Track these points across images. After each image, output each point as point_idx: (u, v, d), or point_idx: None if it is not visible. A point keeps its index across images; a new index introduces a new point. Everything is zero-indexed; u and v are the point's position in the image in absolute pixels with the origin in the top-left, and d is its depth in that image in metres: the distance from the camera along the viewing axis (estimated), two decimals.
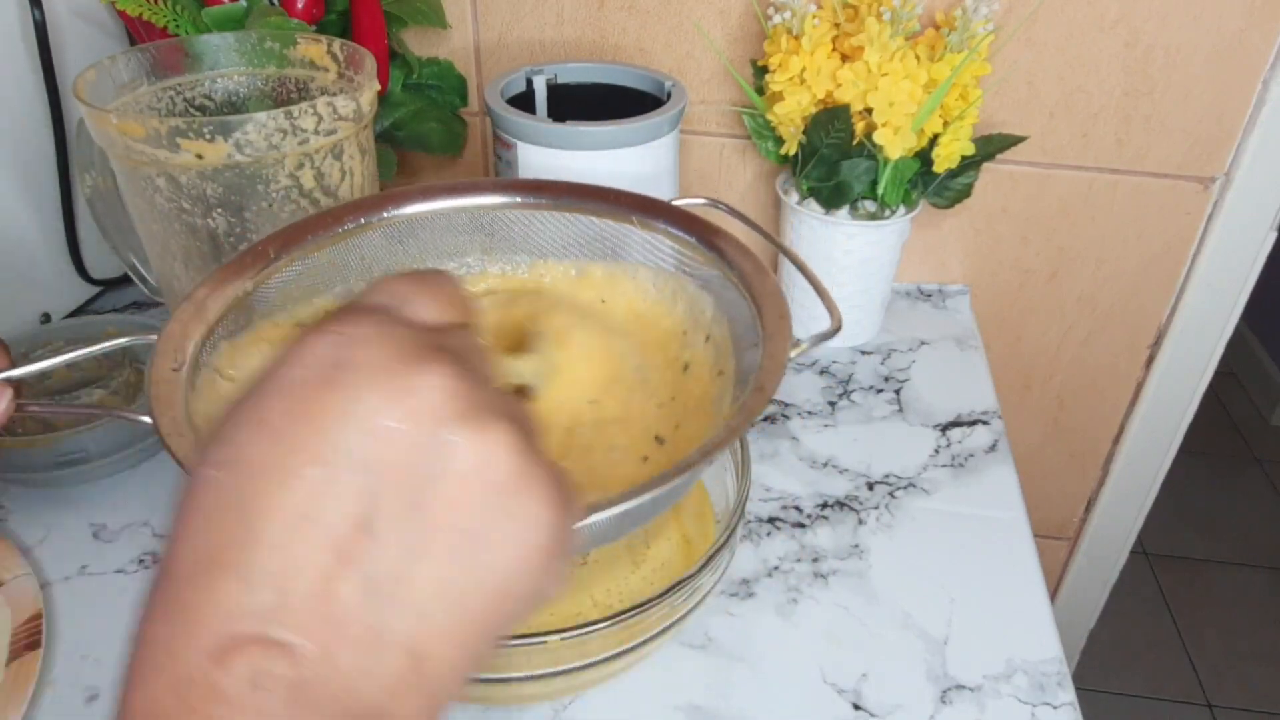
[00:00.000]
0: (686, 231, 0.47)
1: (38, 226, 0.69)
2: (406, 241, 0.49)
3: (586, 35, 0.75)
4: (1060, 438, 0.91)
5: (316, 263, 0.47)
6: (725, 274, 0.45)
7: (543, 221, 0.50)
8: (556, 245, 0.50)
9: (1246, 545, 1.75)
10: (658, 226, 0.48)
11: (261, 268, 0.44)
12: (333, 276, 0.47)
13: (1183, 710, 1.46)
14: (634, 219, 0.48)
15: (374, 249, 0.48)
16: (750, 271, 0.44)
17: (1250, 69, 0.69)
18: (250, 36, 0.58)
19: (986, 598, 0.54)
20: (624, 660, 0.44)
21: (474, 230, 0.50)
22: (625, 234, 0.49)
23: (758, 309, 0.42)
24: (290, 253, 0.45)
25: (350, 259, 0.48)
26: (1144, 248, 0.78)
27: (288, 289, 0.46)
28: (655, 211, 0.48)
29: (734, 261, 0.45)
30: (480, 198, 0.49)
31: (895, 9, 0.62)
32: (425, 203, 0.49)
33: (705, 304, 0.47)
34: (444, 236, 0.50)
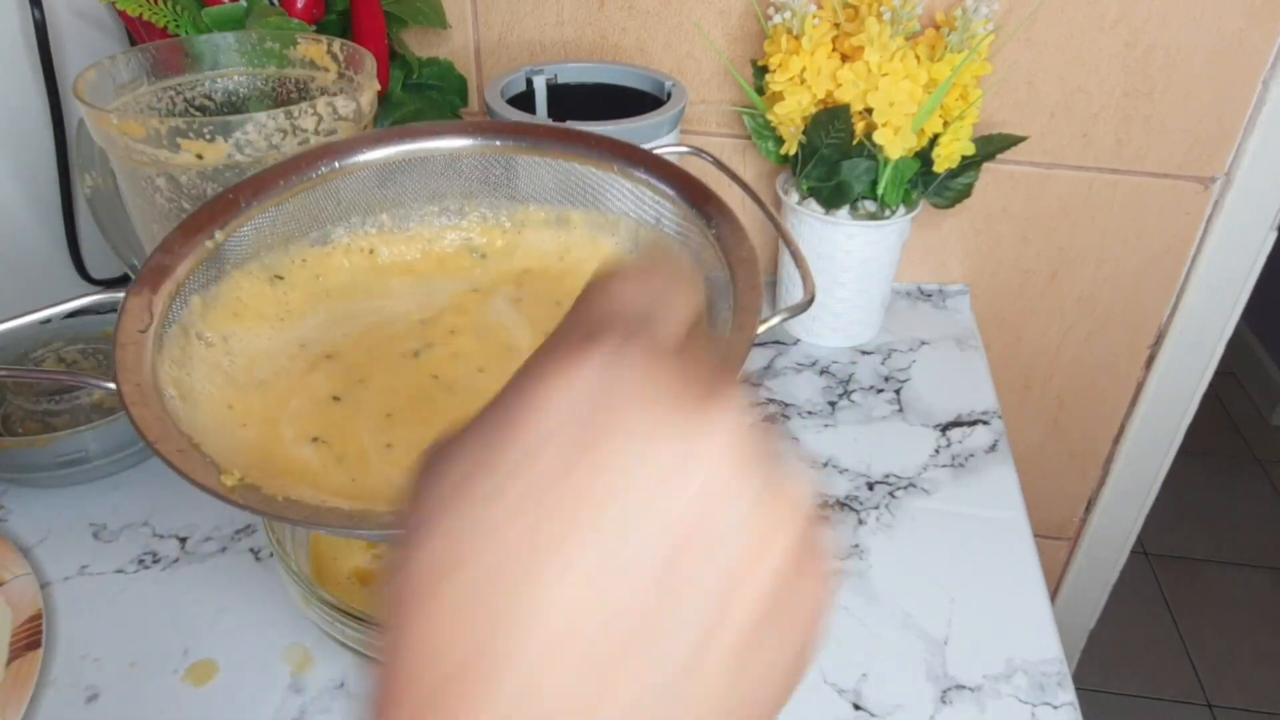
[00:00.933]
0: (669, 184, 0.45)
1: (38, 226, 0.69)
2: (385, 185, 0.47)
3: (586, 35, 0.75)
4: (1060, 438, 0.91)
5: (290, 209, 0.45)
6: (703, 232, 0.43)
7: (524, 166, 0.48)
8: (537, 191, 0.49)
9: (1246, 545, 1.75)
10: (640, 176, 0.46)
11: (231, 216, 0.43)
12: (307, 223, 0.46)
13: (1183, 710, 1.46)
14: (616, 167, 0.46)
15: (350, 193, 0.47)
16: (728, 235, 0.42)
17: (1250, 69, 0.69)
18: (250, 36, 0.58)
19: (986, 598, 0.54)
20: None
21: (453, 174, 0.48)
22: (607, 182, 0.47)
23: (731, 274, 0.40)
24: (262, 199, 0.43)
25: (326, 204, 0.46)
26: (1144, 248, 0.78)
27: (261, 237, 0.44)
28: (638, 160, 0.46)
29: (714, 221, 0.43)
30: (459, 140, 0.48)
31: (895, 9, 0.62)
32: (402, 144, 0.47)
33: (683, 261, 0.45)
34: (422, 180, 0.48)
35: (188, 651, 0.50)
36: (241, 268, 0.44)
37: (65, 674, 0.49)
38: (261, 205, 0.44)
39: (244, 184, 0.44)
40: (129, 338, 0.37)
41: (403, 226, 0.49)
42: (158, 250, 0.41)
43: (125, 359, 0.36)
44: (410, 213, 0.49)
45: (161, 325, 0.38)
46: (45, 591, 0.53)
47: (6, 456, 0.57)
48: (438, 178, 0.48)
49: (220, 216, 0.42)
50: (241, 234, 0.43)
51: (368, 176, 0.47)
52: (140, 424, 0.33)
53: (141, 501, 0.59)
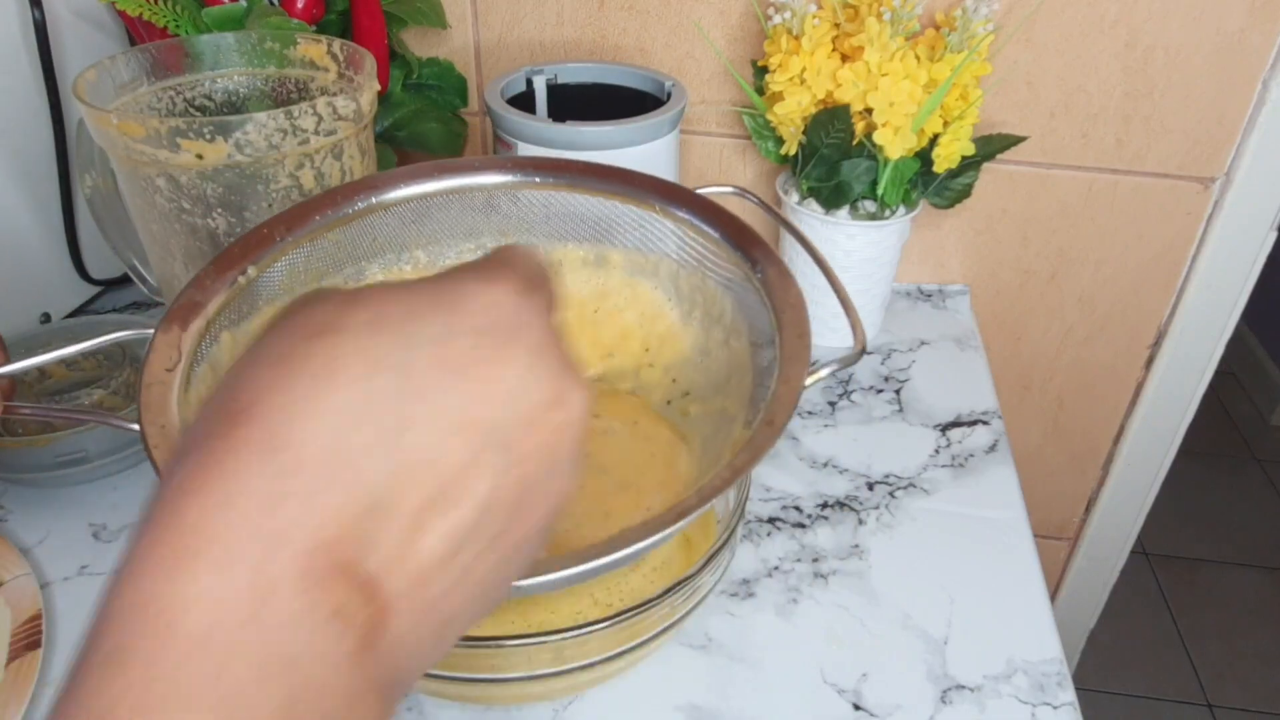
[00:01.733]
0: (711, 224, 0.44)
1: (38, 226, 0.69)
2: (420, 222, 0.46)
3: (586, 35, 0.75)
4: (1060, 438, 0.91)
5: (325, 245, 0.44)
6: (748, 276, 0.42)
7: (561, 203, 0.47)
8: (575, 229, 0.48)
9: (1246, 545, 1.75)
10: (680, 215, 0.45)
11: (265, 251, 0.42)
12: (342, 258, 0.45)
13: (1183, 710, 1.46)
14: (656, 205, 0.45)
15: (386, 229, 0.46)
16: (774, 279, 0.40)
17: (1250, 69, 0.69)
18: (250, 37, 0.58)
19: (986, 598, 0.54)
20: (624, 660, 0.44)
21: (489, 211, 0.47)
22: (647, 221, 0.46)
23: (778, 323, 0.39)
24: (296, 234, 0.43)
25: (360, 240, 0.45)
26: (1144, 248, 0.78)
27: (294, 273, 0.43)
28: (679, 199, 0.45)
29: (758, 263, 0.42)
30: (496, 176, 0.46)
31: (895, 9, 0.62)
32: (439, 180, 0.46)
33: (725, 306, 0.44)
34: (458, 216, 0.47)
35: None
36: (274, 304, 0.43)
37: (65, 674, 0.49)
38: (296, 240, 0.43)
39: (279, 218, 0.43)
40: (155, 377, 0.36)
41: (438, 264, 0.48)
42: (189, 286, 0.39)
43: (150, 400, 0.35)
44: (446, 250, 0.48)
45: (190, 364, 0.37)
46: (45, 591, 0.53)
47: (6, 456, 0.57)
48: (474, 214, 0.47)
49: (254, 252, 0.41)
50: (275, 270, 0.42)
51: (403, 212, 0.46)
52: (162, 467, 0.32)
53: (141, 502, 0.59)
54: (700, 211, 0.45)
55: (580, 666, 0.43)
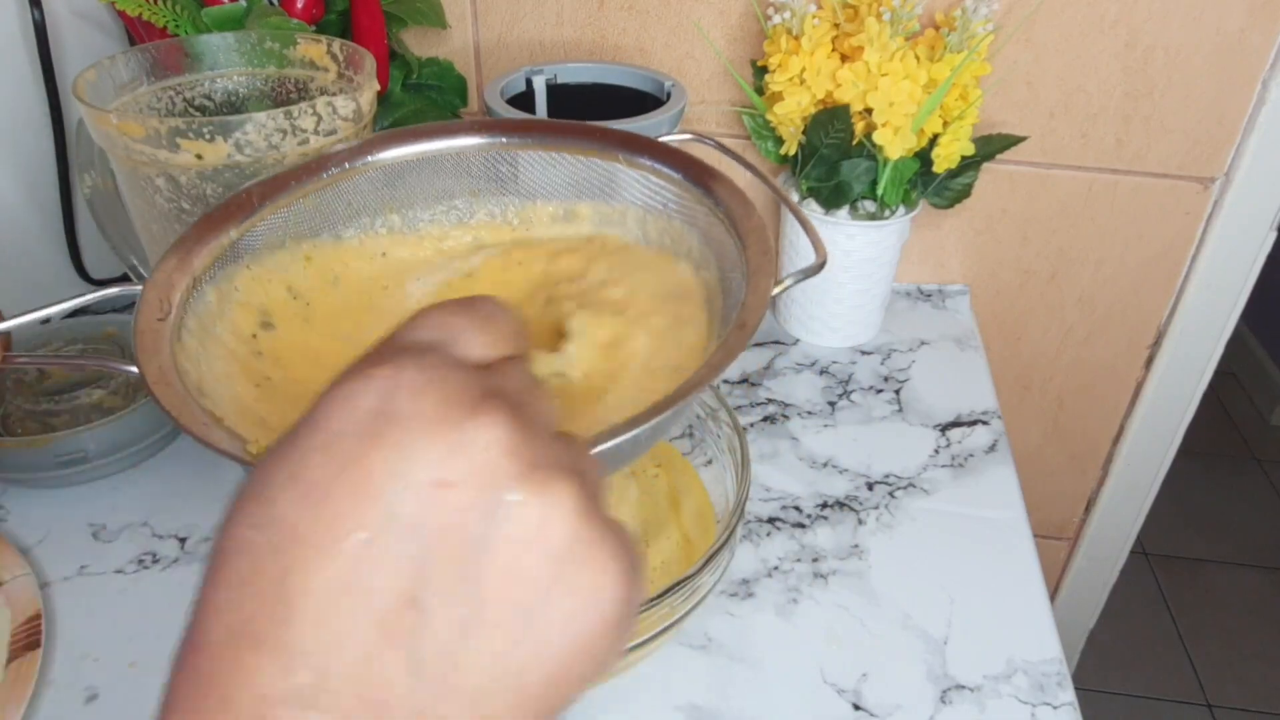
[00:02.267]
0: (673, 168, 0.46)
1: (38, 226, 0.69)
2: (393, 185, 0.48)
3: (586, 35, 0.75)
4: (1060, 438, 0.91)
5: (302, 209, 0.46)
6: (712, 210, 0.44)
7: (529, 162, 0.49)
8: (544, 186, 0.50)
9: (1246, 545, 1.75)
10: (644, 163, 0.47)
11: (246, 215, 0.44)
12: (319, 222, 0.47)
13: (1183, 710, 1.46)
14: (620, 156, 0.47)
15: (360, 194, 0.48)
16: (736, 208, 0.43)
17: (1250, 69, 0.69)
18: (250, 37, 0.58)
19: (986, 598, 0.54)
20: (624, 660, 0.44)
21: (460, 173, 0.49)
22: (613, 172, 0.48)
23: (742, 244, 0.41)
24: (275, 200, 0.45)
25: (336, 204, 0.47)
26: (1144, 248, 0.78)
27: (273, 235, 0.46)
28: (641, 148, 0.47)
29: (720, 198, 0.44)
30: (465, 139, 0.49)
31: (895, 9, 0.62)
32: (409, 145, 0.48)
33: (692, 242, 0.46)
34: (430, 180, 0.49)
35: None
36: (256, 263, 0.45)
37: (65, 674, 0.49)
38: (274, 205, 0.45)
39: (257, 184, 0.45)
40: (148, 325, 0.38)
41: (412, 227, 0.49)
42: (174, 246, 0.41)
43: (145, 344, 0.37)
44: (420, 213, 0.50)
45: (180, 315, 0.39)
46: (45, 592, 0.53)
47: (6, 456, 0.57)
48: (445, 177, 0.49)
49: (235, 215, 0.44)
50: (255, 232, 0.44)
51: (377, 177, 0.48)
52: (165, 403, 0.34)
53: (141, 501, 0.59)
54: (661, 157, 0.47)
55: None
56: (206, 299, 0.42)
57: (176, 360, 0.37)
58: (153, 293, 0.39)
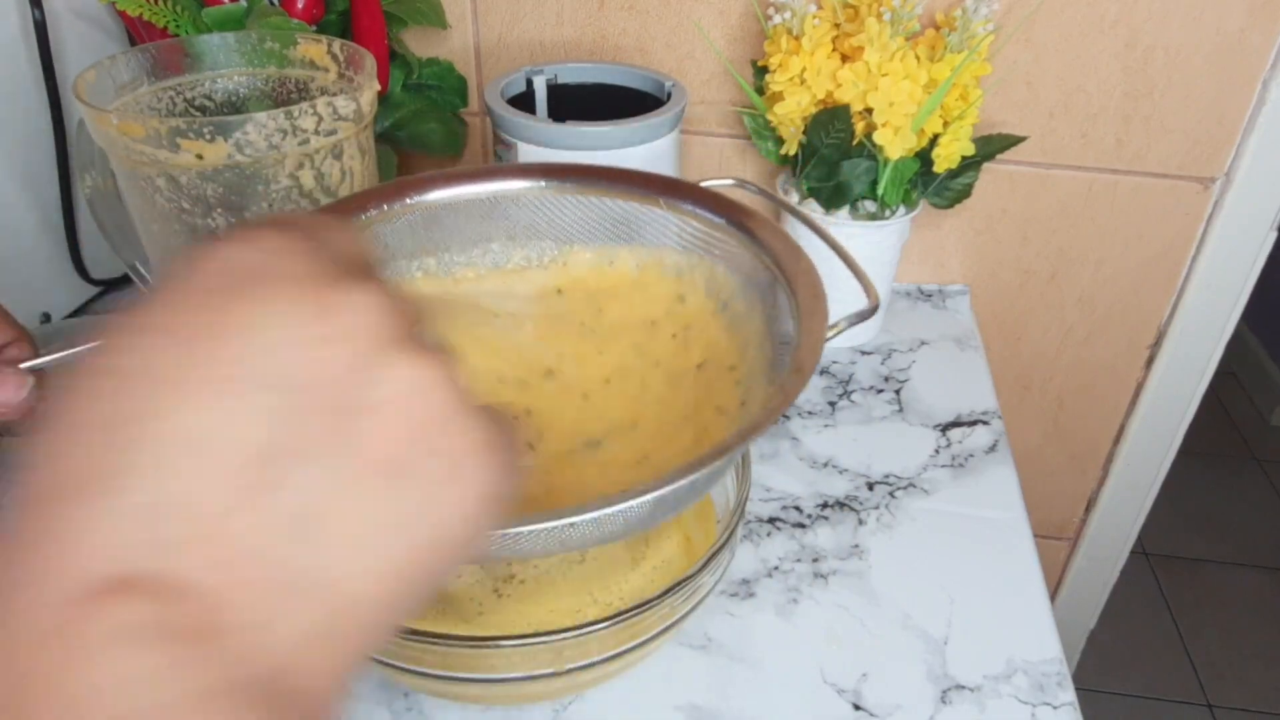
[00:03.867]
0: (714, 212, 0.46)
1: (38, 226, 0.69)
2: (430, 229, 0.48)
3: (586, 35, 0.75)
4: (1060, 438, 0.91)
5: None
6: (757, 255, 0.44)
7: (566, 206, 0.49)
8: (581, 230, 0.50)
9: (1246, 545, 1.75)
10: (685, 209, 0.47)
11: None
12: None
13: (1183, 710, 1.46)
14: (661, 201, 0.47)
15: (397, 237, 0.48)
16: (782, 251, 0.43)
17: (1250, 69, 0.69)
18: (250, 37, 0.58)
19: (986, 598, 0.54)
20: (624, 660, 0.44)
21: (498, 216, 0.49)
22: (652, 217, 0.48)
23: (791, 288, 0.41)
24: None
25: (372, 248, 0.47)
26: (1144, 248, 0.78)
27: None
28: (682, 193, 0.47)
29: (765, 242, 0.44)
30: (503, 183, 0.48)
31: (895, 9, 0.62)
32: (447, 189, 0.48)
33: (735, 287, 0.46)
34: (467, 224, 0.49)
35: None
36: None
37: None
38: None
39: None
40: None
41: (448, 271, 0.49)
42: None
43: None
44: (455, 255, 0.49)
45: None
46: None
47: (7, 456, 0.57)
48: (480, 220, 0.49)
49: None
50: None
51: (413, 220, 0.47)
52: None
53: None
54: (704, 203, 0.47)
55: (580, 666, 0.43)
56: None
57: None
58: None
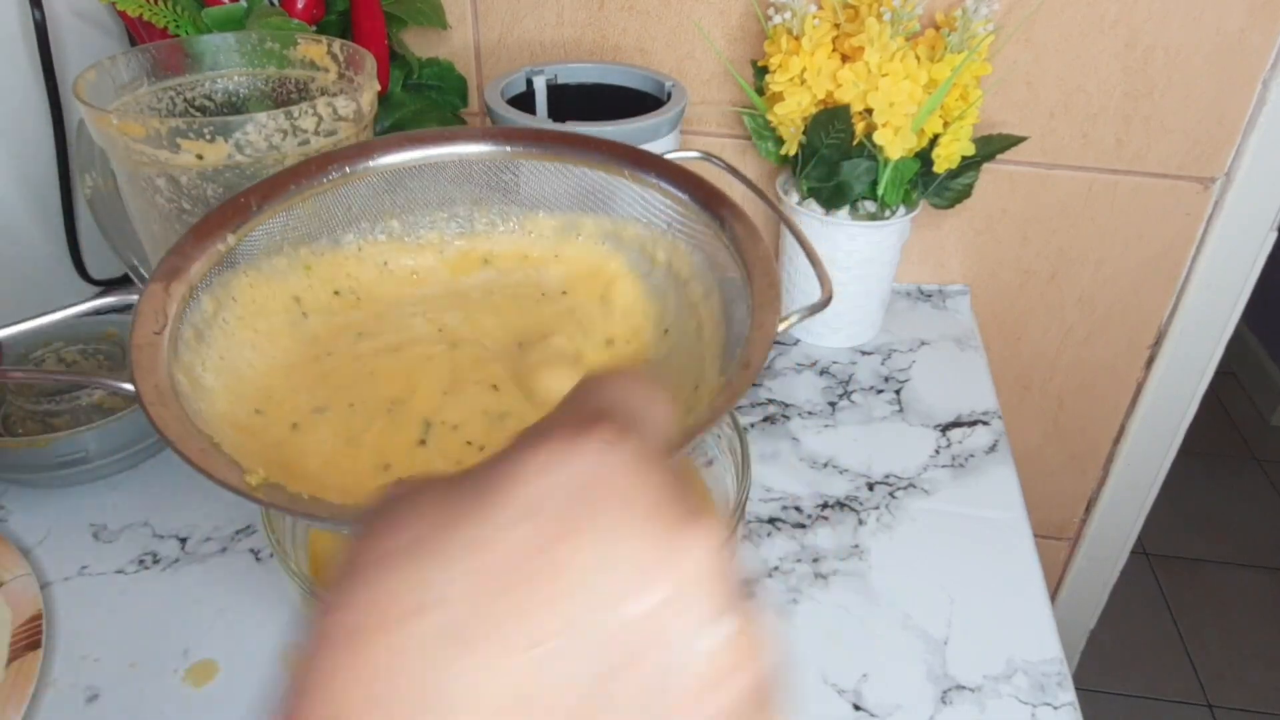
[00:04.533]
0: (681, 188, 0.45)
1: (38, 226, 0.69)
2: (394, 191, 0.47)
3: (587, 35, 0.75)
4: (1060, 438, 0.91)
5: (300, 214, 0.45)
6: (717, 234, 0.43)
7: (533, 172, 0.48)
8: (547, 197, 0.49)
9: (1246, 545, 1.75)
10: (649, 180, 0.46)
11: (242, 221, 0.43)
12: (318, 227, 0.46)
13: (1183, 710, 1.46)
14: (626, 172, 0.46)
15: (361, 199, 0.47)
16: (742, 234, 0.42)
17: (1250, 69, 0.69)
18: (250, 37, 0.58)
19: (987, 598, 0.54)
20: None
21: (463, 180, 0.48)
22: (618, 188, 0.47)
23: (747, 274, 0.40)
24: (272, 204, 0.44)
25: (335, 209, 0.47)
26: (1144, 248, 0.78)
27: (271, 241, 0.45)
28: (649, 165, 0.46)
29: (727, 222, 0.43)
30: (470, 146, 0.48)
31: (895, 9, 0.62)
32: (412, 150, 0.47)
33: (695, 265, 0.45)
34: (432, 186, 0.48)
35: (188, 652, 0.50)
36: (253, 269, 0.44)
37: (65, 674, 0.49)
38: (272, 209, 0.44)
39: (255, 188, 0.44)
40: (144, 339, 0.37)
41: (412, 233, 0.49)
42: (170, 253, 0.41)
43: (141, 360, 0.36)
44: (420, 218, 0.49)
45: (176, 326, 0.38)
46: (45, 592, 0.53)
47: (6, 457, 0.57)
48: (447, 184, 0.48)
49: (231, 220, 0.43)
50: (253, 237, 0.44)
51: (377, 182, 0.47)
52: (160, 424, 0.33)
53: (141, 502, 0.59)
54: (669, 176, 0.46)
55: None
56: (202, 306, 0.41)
57: (173, 377, 0.36)
58: (148, 304, 0.38)
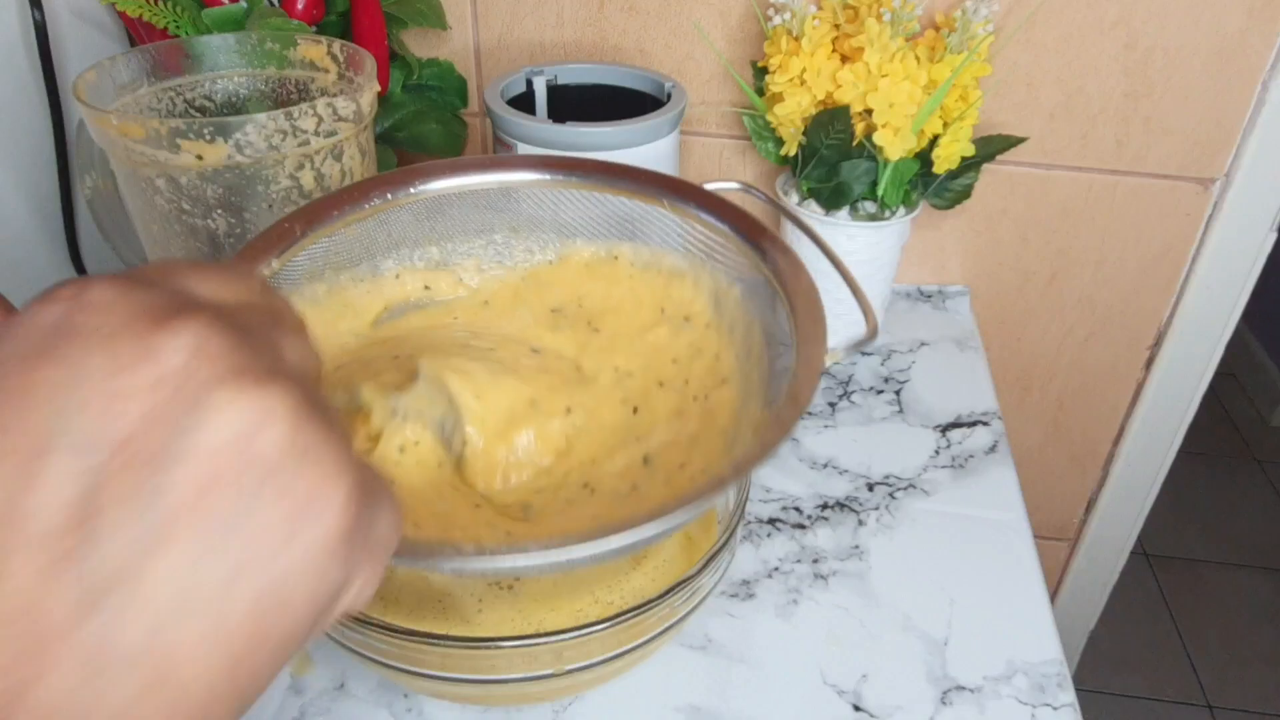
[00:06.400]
0: (719, 218, 0.46)
1: (38, 227, 0.69)
2: (435, 218, 0.48)
3: (586, 36, 0.75)
4: (1060, 438, 0.91)
5: (343, 239, 0.46)
6: (757, 266, 0.43)
7: (569, 200, 0.49)
8: (584, 225, 0.49)
9: (1246, 545, 1.75)
10: (690, 211, 0.46)
11: (287, 245, 0.43)
12: (359, 253, 0.47)
13: (1183, 711, 1.46)
14: (665, 202, 0.47)
15: (401, 225, 0.48)
16: (785, 267, 0.42)
17: (1250, 70, 0.69)
18: (250, 38, 0.58)
19: (986, 599, 0.54)
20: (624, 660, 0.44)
21: (502, 208, 0.49)
22: (657, 217, 0.48)
23: (791, 308, 0.40)
24: (316, 230, 0.45)
25: (377, 235, 0.47)
26: (1144, 249, 0.78)
27: (314, 267, 0.45)
28: (687, 195, 0.47)
29: (768, 254, 0.43)
30: (509, 174, 0.48)
31: (895, 10, 0.62)
32: (453, 178, 0.48)
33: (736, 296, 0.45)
34: (471, 214, 0.49)
35: None
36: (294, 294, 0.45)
37: None
38: (315, 235, 0.45)
39: (299, 213, 0.44)
40: None
41: (450, 260, 0.50)
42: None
43: None
44: (458, 245, 0.50)
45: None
46: None
47: None
48: (485, 211, 0.49)
49: (275, 245, 0.43)
50: (296, 262, 0.44)
51: (418, 209, 0.48)
52: None
53: None
54: (709, 207, 0.46)
55: (581, 667, 0.43)
56: None
57: None
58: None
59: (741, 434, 0.42)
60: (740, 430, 0.42)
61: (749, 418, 0.41)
